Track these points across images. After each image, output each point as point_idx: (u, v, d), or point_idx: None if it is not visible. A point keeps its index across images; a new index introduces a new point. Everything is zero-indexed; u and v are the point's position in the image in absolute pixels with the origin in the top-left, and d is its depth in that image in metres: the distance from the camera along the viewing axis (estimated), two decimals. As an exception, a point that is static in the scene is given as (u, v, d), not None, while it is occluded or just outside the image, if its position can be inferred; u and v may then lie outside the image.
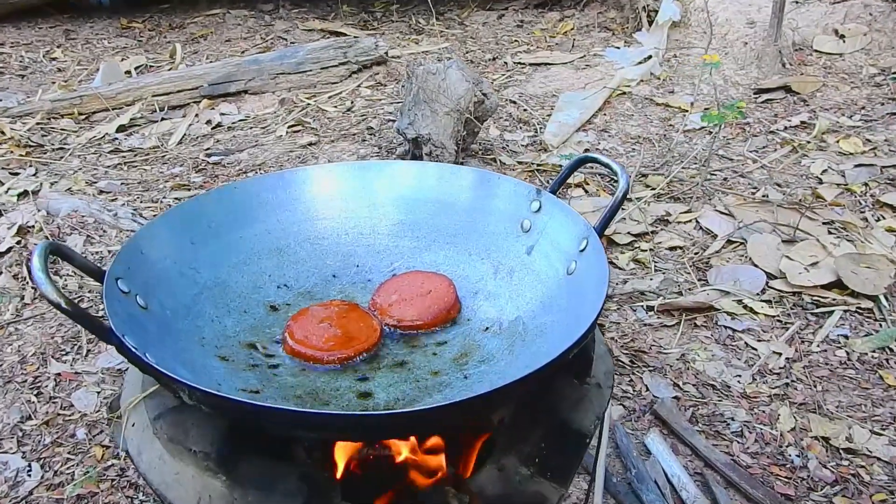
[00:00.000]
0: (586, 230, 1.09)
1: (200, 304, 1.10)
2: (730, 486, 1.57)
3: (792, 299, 2.08)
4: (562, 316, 1.04)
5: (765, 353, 1.90)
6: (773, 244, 2.27)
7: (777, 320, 2.01)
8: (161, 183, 2.77)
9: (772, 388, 1.80)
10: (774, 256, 2.22)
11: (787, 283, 2.13)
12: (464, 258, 1.24)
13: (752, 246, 2.27)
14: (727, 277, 2.16)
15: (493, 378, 1.01)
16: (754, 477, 1.58)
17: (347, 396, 1.00)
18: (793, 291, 2.11)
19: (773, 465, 1.62)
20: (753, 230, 2.34)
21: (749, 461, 1.63)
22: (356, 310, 1.14)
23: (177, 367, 0.95)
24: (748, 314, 2.04)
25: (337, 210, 1.28)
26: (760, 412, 1.74)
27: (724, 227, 2.38)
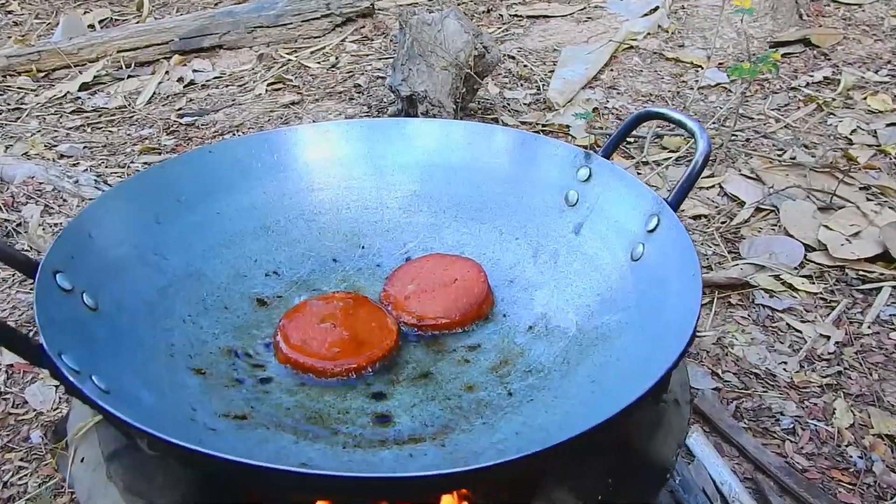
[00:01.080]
0: (656, 204, 0.87)
1: (169, 300, 0.87)
2: (785, 494, 1.38)
3: (835, 274, 1.88)
4: (631, 316, 0.82)
5: (811, 335, 1.70)
6: (808, 212, 2.06)
7: (820, 298, 1.81)
8: (128, 146, 2.51)
9: (823, 377, 1.60)
10: (811, 226, 2.02)
11: (827, 255, 1.92)
12: (494, 238, 1.01)
13: (786, 214, 2.06)
14: (761, 249, 1.95)
15: (546, 397, 0.78)
16: (813, 483, 1.38)
17: (361, 421, 0.78)
18: (835, 265, 1.90)
19: (833, 469, 1.42)
20: (785, 196, 2.13)
21: (805, 464, 1.43)
22: (365, 304, 0.91)
23: (136, 388, 0.72)
24: (787, 291, 1.83)
25: (336, 179, 1.05)
26: (812, 405, 1.54)
27: (752, 194, 2.17)
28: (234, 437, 0.72)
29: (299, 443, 0.74)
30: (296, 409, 0.79)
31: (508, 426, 0.75)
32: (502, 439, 0.73)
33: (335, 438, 0.75)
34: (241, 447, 0.71)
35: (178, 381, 0.78)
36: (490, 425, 0.76)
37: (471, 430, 0.76)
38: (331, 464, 0.71)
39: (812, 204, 2.10)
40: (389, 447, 0.74)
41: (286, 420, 0.77)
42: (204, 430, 0.71)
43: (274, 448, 0.72)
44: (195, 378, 0.80)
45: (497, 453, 0.71)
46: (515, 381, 0.82)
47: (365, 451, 0.73)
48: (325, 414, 0.78)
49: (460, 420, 0.78)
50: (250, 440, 0.73)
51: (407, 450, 0.74)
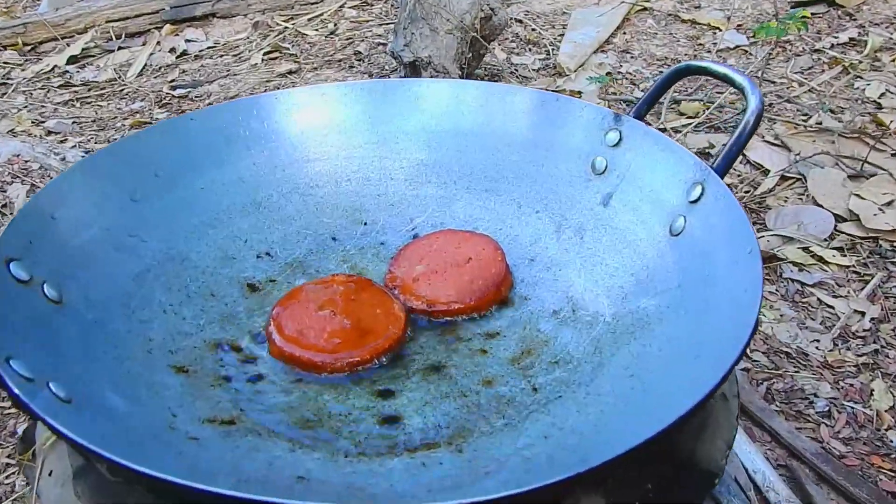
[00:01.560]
0: (699, 171, 0.76)
1: (146, 288, 0.76)
2: (822, 482, 1.28)
3: (868, 245, 1.77)
4: (673, 299, 0.71)
5: (844, 311, 1.60)
6: (837, 180, 1.95)
7: (853, 271, 1.70)
8: (119, 121, 2.40)
9: (858, 356, 1.50)
10: (841, 194, 1.90)
11: (859, 226, 1.81)
12: (511, 211, 0.90)
13: (814, 182, 1.95)
14: (788, 220, 1.84)
15: (577, 393, 0.68)
16: (852, 470, 1.29)
17: (366, 424, 0.68)
18: (867, 236, 1.79)
19: (873, 455, 1.32)
20: (812, 164, 2.01)
21: (842, 449, 1.33)
22: (369, 288, 0.80)
23: (106, 393, 0.62)
24: (818, 264, 1.73)
25: (334, 148, 0.94)
26: (848, 386, 1.44)
27: (778, 161, 2.05)
28: (220, 447, 0.63)
29: (295, 451, 0.64)
30: (291, 410, 0.69)
31: (535, 428, 0.65)
32: (528, 444, 0.63)
33: (336, 445, 0.65)
34: (228, 459, 0.61)
35: (157, 382, 0.68)
36: (513, 427, 0.66)
37: (491, 432, 0.66)
38: (331, 476, 0.61)
39: (841, 171, 1.98)
40: (399, 454, 0.64)
41: (280, 424, 0.67)
42: (184, 441, 0.62)
43: (265, 459, 0.62)
44: (177, 377, 0.70)
45: (523, 461, 0.61)
46: (540, 374, 0.72)
47: (371, 460, 0.63)
48: (324, 416, 0.68)
49: (479, 421, 0.68)
50: (239, 450, 0.63)
51: (419, 457, 0.64)
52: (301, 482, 0.60)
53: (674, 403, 0.55)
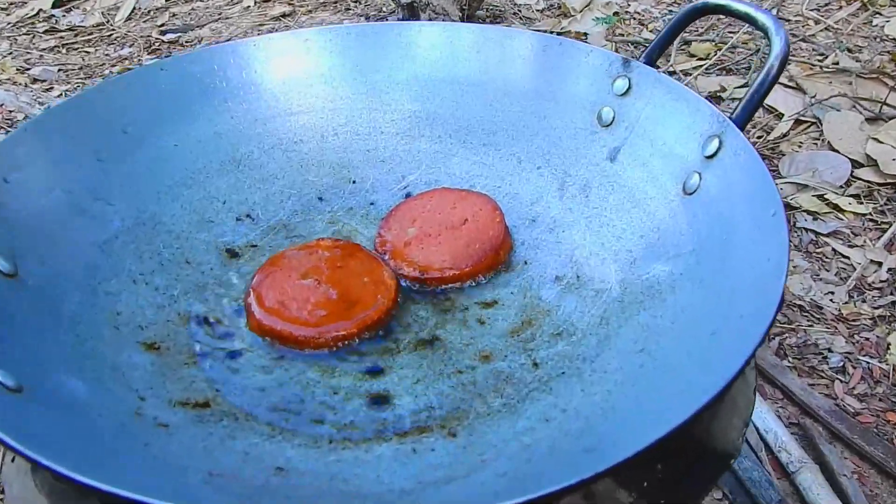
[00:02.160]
0: (717, 123, 0.69)
1: (114, 257, 0.70)
2: (836, 440, 1.24)
3: (885, 192, 1.69)
4: (687, 265, 0.65)
5: (860, 262, 1.53)
6: (854, 123, 1.86)
7: (869, 220, 1.63)
8: (107, 67, 2.31)
9: (874, 309, 1.44)
10: (858, 139, 1.82)
11: (877, 172, 1.73)
12: (510, 167, 0.83)
13: (830, 126, 1.86)
14: (803, 167, 1.76)
15: (581, 369, 0.63)
16: (867, 428, 1.24)
17: (353, 405, 0.63)
18: (885, 182, 1.71)
19: (888, 412, 1.27)
20: (828, 106, 1.92)
21: (857, 406, 1.28)
22: (357, 254, 0.74)
23: (65, 378, 0.56)
24: (833, 213, 1.66)
25: (319, 99, 0.87)
26: (864, 340, 1.39)
27: (792, 104, 1.96)
28: (192, 435, 0.57)
29: (275, 437, 0.59)
30: (272, 390, 0.63)
31: (535, 409, 0.60)
32: (528, 428, 0.58)
33: (320, 429, 0.60)
34: (199, 448, 0.56)
35: (124, 362, 0.62)
36: (512, 408, 0.61)
37: (488, 413, 0.61)
38: (313, 466, 0.56)
39: (858, 114, 1.89)
40: (388, 439, 0.59)
41: (259, 406, 0.62)
42: (152, 429, 0.56)
43: (241, 447, 0.57)
44: (146, 355, 0.64)
45: (522, 449, 0.55)
46: (542, 347, 0.66)
47: (357, 446, 0.58)
48: (307, 396, 0.63)
49: (475, 400, 0.62)
50: (212, 437, 0.57)
51: (409, 443, 0.59)
52: (279, 474, 0.55)
53: (688, 388, 0.50)
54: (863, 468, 1.19)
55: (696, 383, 0.47)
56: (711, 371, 0.47)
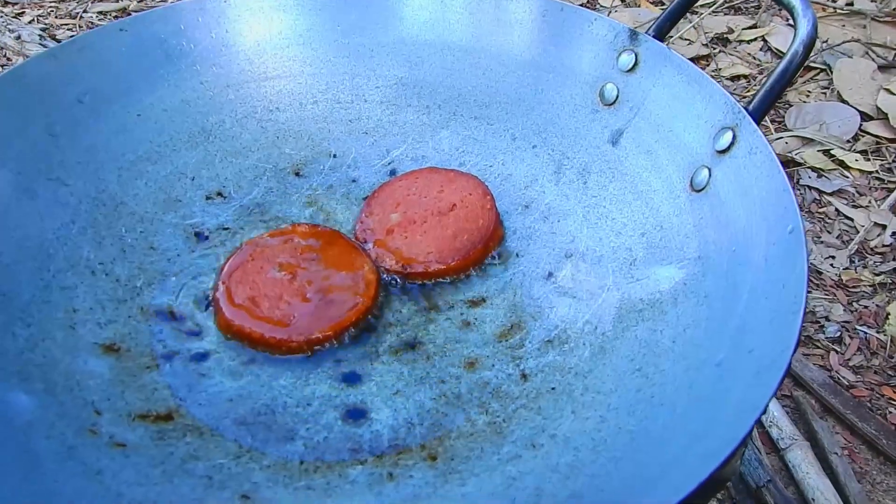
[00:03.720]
0: (731, 113, 0.63)
1: (70, 244, 0.65)
2: (828, 415, 1.21)
3: (893, 149, 1.63)
4: (691, 274, 0.60)
5: (863, 224, 1.48)
6: (866, 72, 1.78)
7: (875, 178, 1.57)
8: (83, -11, 2.18)
9: (875, 275, 1.40)
10: (869, 89, 1.74)
11: (887, 126, 1.66)
12: (504, 144, 0.77)
13: (840, 74, 1.78)
14: (810, 119, 1.69)
15: (573, 386, 0.58)
16: (861, 402, 1.22)
17: (327, 418, 0.58)
18: (894, 138, 1.65)
19: (884, 386, 1.25)
20: (840, 52, 1.84)
21: (852, 378, 1.26)
22: (336, 242, 0.69)
23: (9, 388, 0.51)
24: (838, 170, 1.60)
25: (298, 62, 0.80)
26: (863, 308, 1.35)
27: (801, 50, 1.86)
28: (150, 457, 0.53)
29: (241, 458, 0.55)
30: (240, 401, 0.59)
31: (522, 431, 0.56)
32: (514, 456, 0.54)
33: (291, 447, 0.56)
34: (158, 475, 0.52)
35: (79, 368, 0.57)
36: (497, 427, 0.57)
37: (472, 433, 0.57)
38: (280, 494, 0.52)
39: (871, 62, 1.81)
40: (363, 461, 0.55)
41: (225, 419, 0.57)
42: (107, 450, 0.52)
43: (204, 470, 0.53)
44: (104, 359, 0.59)
45: (505, 484, 0.51)
46: (531, 356, 0.62)
47: (330, 469, 0.54)
48: (278, 407, 0.59)
49: (457, 415, 0.58)
50: (173, 459, 0.53)
51: (386, 466, 0.55)
52: (245, 502, 0.51)
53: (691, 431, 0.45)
54: (854, 444, 1.17)
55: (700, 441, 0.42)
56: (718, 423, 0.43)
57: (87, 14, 2.09)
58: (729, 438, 0.40)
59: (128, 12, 1.92)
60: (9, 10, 2.12)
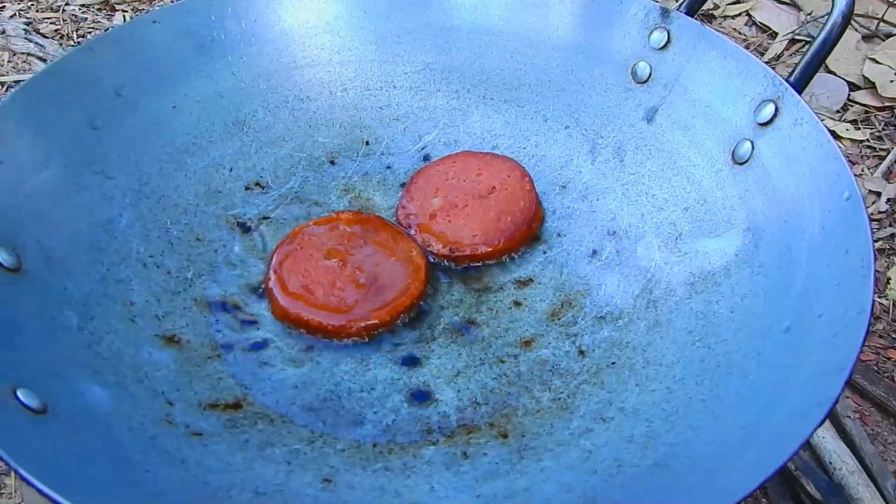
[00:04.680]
0: (771, 86, 0.64)
1: (120, 238, 0.65)
2: (837, 379, 1.25)
3: (882, 117, 1.66)
4: (742, 245, 0.61)
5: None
6: (850, 43, 1.80)
7: (867, 146, 1.60)
8: (62, -19, 2.14)
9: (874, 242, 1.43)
10: (854, 59, 1.77)
11: (875, 94, 1.69)
12: (536, 126, 0.78)
13: (826, 49, 1.80)
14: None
15: (633, 360, 0.60)
16: (868, 366, 1.25)
17: (392, 401, 0.59)
18: (883, 106, 1.68)
19: (889, 349, 1.28)
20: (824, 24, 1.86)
21: (857, 344, 1.29)
22: (381, 229, 0.69)
23: (85, 385, 0.52)
24: (830, 142, 1.62)
25: (326, 51, 0.80)
26: (863, 276, 1.38)
27: (786, 22, 1.89)
28: (228, 444, 0.54)
29: (315, 443, 0.55)
30: (304, 387, 0.59)
31: (588, 406, 0.57)
32: (585, 430, 0.55)
33: (362, 431, 0.56)
34: (239, 461, 0.52)
35: (145, 360, 0.58)
36: (562, 403, 0.58)
37: (538, 410, 0.58)
38: (360, 477, 0.53)
39: (855, 32, 1.84)
40: (435, 442, 0.56)
41: (293, 406, 0.58)
42: (187, 439, 0.52)
43: (282, 456, 0.53)
44: (167, 351, 0.60)
45: (582, 457, 0.53)
46: (585, 332, 0.63)
47: (404, 451, 0.55)
48: (343, 393, 0.59)
49: (522, 394, 0.59)
50: (250, 446, 0.54)
51: (459, 445, 0.56)
52: (327, 487, 0.51)
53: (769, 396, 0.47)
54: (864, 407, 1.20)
55: (782, 404, 0.44)
56: (799, 386, 0.44)
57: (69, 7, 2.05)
58: (820, 399, 0.41)
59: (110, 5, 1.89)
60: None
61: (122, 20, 1.77)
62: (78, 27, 1.83)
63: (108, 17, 1.82)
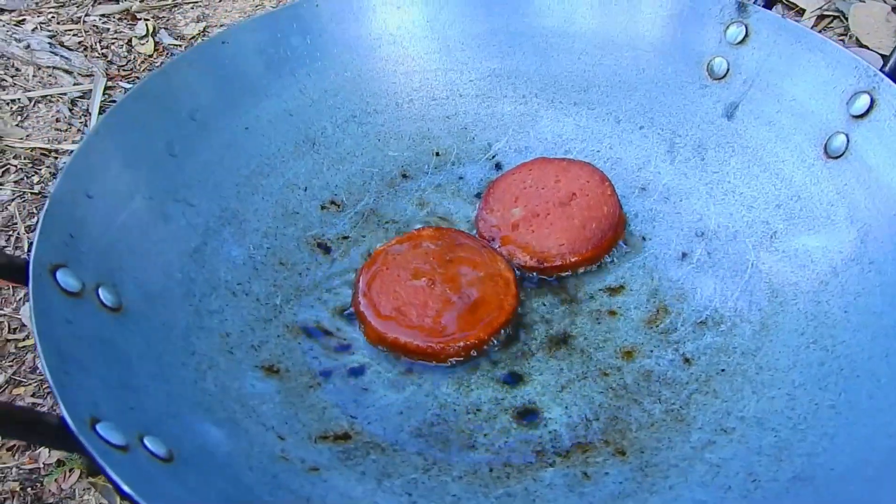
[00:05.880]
0: (865, 77, 0.63)
1: (208, 266, 0.63)
2: None
3: (921, 96, 1.63)
4: (845, 241, 0.60)
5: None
6: (881, 15, 1.78)
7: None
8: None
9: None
10: (886, 31, 1.74)
11: (910, 72, 1.66)
12: (609, 128, 0.77)
13: (855, 20, 1.78)
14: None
15: (745, 367, 0.58)
16: None
17: (501, 422, 0.58)
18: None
19: None
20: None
21: None
22: (465, 243, 0.68)
23: (201, 426, 0.50)
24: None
25: (390, 62, 0.78)
26: None
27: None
28: (346, 478, 0.52)
29: (430, 470, 0.54)
30: (409, 412, 0.58)
31: (705, 417, 0.56)
32: (708, 442, 0.54)
33: (475, 456, 0.55)
34: (360, 494, 0.51)
35: (249, 392, 0.57)
36: (677, 415, 0.57)
37: (652, 423, 0.57)
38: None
39: (884, 4, 1.81)
40: (551, 463, 0.55)
41: (402, 433, 0.57)
42: (305, 475, 0.51)
43: (402, 486, 0.52)
44: (269, 381, 0.59)
45: (711, 471, 0.51)
46: (687, 339, 0.62)
47: (522, 475, 0.54)
48: (449, 416, 0.58)
49: (632, 407, 0.58)
50: (367, 478, 0.53)
51: (577, 465, 0.54)
52: (452, 515, 0.50)
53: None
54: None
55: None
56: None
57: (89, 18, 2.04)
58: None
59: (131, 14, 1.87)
60: (6, 17, 2.07)
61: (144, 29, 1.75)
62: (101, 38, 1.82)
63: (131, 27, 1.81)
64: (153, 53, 1.62)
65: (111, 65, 1.63)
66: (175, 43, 1.66)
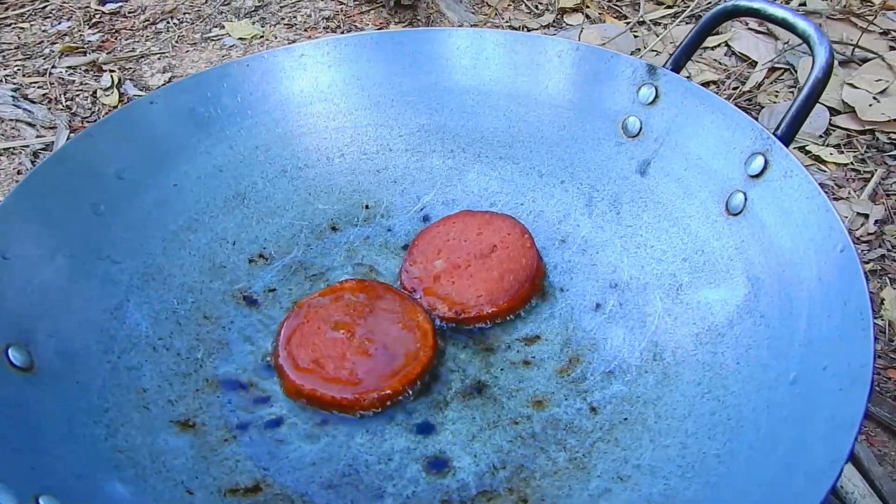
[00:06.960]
0: (759, 139, 0.66)
1: (129, 322, 0.65)
2: (839, 403, 1.25)
3: (864, 140, 1.69)
4: (742, 294, 0.62)
5: (846, 215, 1.53)
6: (827, 69, 1.84)
7: (851, 169, 1.63)
8: (45, 46, 2.15)
9: (864, 263, 1.45)
10: (833, 84, 1.80)
11: (855, 118, 1.72)
12: (531, 182, 0.79)
13: (804, 73, 1.84)
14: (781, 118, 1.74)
15: (645, 415, 0.60)
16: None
17: (411, 471, 0.59)
18: (863, 130, 1.71)
19: (889, 369, 1.29)
20: (801, 52, 1.90)
21: (857, 366, 1.30)
22: (386, 295, 0.70)
23: (108, 482, 0.52)
24: (815, 164, 1.65)
25: (322, 118, 0.81)
26: (857, 298, 1.39)
27: (764, 51, 1.93)
28: (252, 531, 0.54)
29: (337, 522, 0.56)
30: (322, 463, 0.60)
31: (605, 464, 0.58)
32: (605, 490, 0.56)
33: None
34: (264, 547, 0.52)
35: (161, 448, 0.58)
36: (579, 463, 0.59)
37: (555, 472, 0.58)
38: (386, 554, 0.53)
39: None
40: (457, 512, 0.56)
41: (312, 484, 0.58)
42: (210, 530, 0.52)
43: (306, 538, 0.54)
44: (182, 437, 0.60)
45: (605, 520, 0.53)
46: (596, 388, 0.64)
47: (426, 524, 0.55)
48: (361, 466, 0.60)
49: (538, 455, 0.60)
50: (273, 531, 0.54)
51: (481, 514, 0.56)
52: (353, 567, 0.52)
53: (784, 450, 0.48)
54: (869, 428, 1.21)
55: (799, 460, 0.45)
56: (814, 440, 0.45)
57: (55, 70, 2.07)
58: (834, 457, 0.42)
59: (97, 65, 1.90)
60: (-29, 72, 2.09)
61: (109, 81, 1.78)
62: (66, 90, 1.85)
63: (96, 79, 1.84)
64: (118, 104, 1.65)
65: (75, 116, 1.65)
66: (140, 94, 1.69)
